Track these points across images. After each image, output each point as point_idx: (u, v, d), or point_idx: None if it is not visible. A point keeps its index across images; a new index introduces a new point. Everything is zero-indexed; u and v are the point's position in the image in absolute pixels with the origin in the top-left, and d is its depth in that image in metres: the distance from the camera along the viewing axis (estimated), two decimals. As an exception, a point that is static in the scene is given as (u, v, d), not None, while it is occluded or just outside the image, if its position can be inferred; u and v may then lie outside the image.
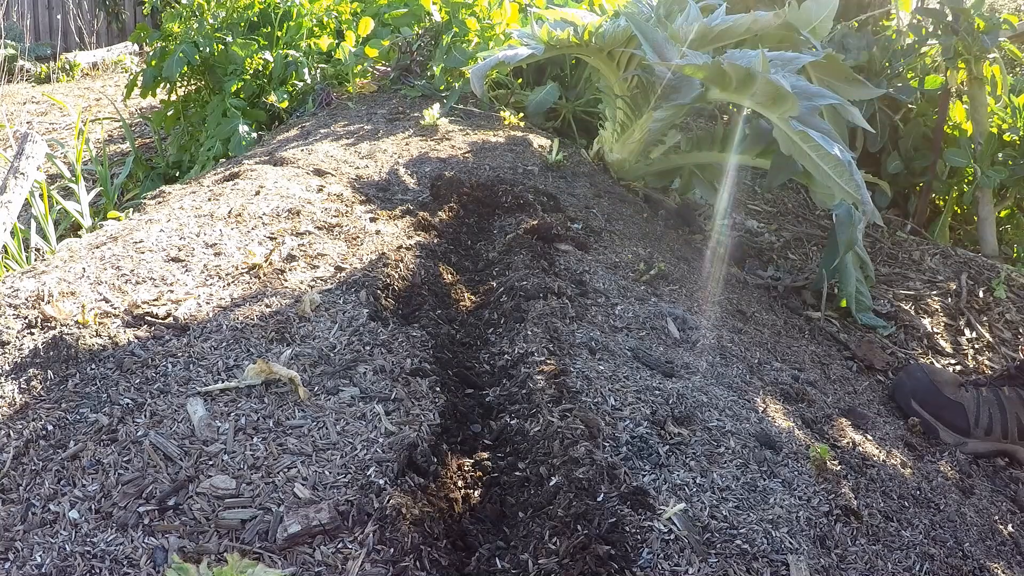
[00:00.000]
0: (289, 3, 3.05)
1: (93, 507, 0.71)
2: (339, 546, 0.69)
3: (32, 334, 0.96)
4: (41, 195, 2.35)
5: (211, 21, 2.98)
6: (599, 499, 0.76)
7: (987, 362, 1.78)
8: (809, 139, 1.49)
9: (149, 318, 1.01)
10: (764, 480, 0.87)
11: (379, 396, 0.90)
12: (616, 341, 1.12)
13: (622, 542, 0.71)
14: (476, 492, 0.83)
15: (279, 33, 3.05)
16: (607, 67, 1.96)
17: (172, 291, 1.09)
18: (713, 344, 1.23)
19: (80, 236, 2.19)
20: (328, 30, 3.17)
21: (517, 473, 0.83)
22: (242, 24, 3.03)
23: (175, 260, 1.18)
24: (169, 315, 1.03)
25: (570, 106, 2.61)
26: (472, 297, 1.28)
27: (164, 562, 0.66)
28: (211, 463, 0.77)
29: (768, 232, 2.22)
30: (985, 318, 1.93)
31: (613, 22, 1.86)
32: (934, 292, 1.99)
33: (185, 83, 3.21)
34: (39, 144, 2.23)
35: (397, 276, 1.21)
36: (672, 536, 0.74)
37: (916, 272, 2.09)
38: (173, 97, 3.25)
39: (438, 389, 0.95)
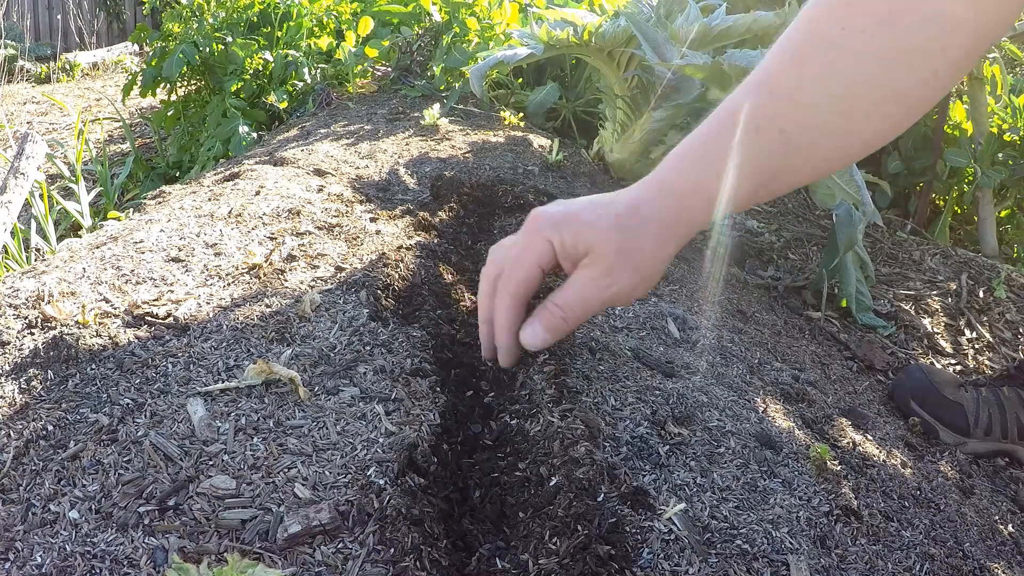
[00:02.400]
0: (289, 3, 3.05)
1: (93, 507, 0.71)
2: (339, 546, 0.69)
3: (32, 334, 0.96)
4: (41, 195, 2.35)
5: (211, 21, 2.98)
6: (599, 499, 0.76)
7: (987, 362, 1.78)
8: (809, 139, 1.49)
9: (149, 318, 1.01)
10: (764, 480, 0.87)
11: (379, 396, 0.90)
12: (616, 341, 1.12)
13: (622, 542, 0.71)
14: (476, 492, 0.83)
15: (279, 33, 3.05)
16: (607, 67, 1.96)
17: (172, 291, 1.09)
18: (713, 344, 1.23)
19: (80, 236, 2.19)
20: (328, 30, 3.17)
21: (517, 473, 0.83)
22: (242, 24, 3.04)
23: (175, 260, 1.18)
24: (169, 315, 1.03)
25: (570, 106, 2.61)
26: (472, 297, 1.28)
27: (164, 562, 0.66)
28: (211, 463, 0.77)
29: (768, 232, 2.22)
30: (985, 318, 1.93)
31: (613, 22, 1.86)
32: (934, 292, 1.99)
33: (185, 83, 3.21)
34: (39, 144, 2.23)
35: (397, 276, 1.21)
36: (672, 536, 0.74)
37: (916, 272, 2.09)
38: (173, 97, 3.25)
39: (438, 389, 0.95)
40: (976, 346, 1.83)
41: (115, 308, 1.03)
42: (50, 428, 0.80)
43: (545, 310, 0.81)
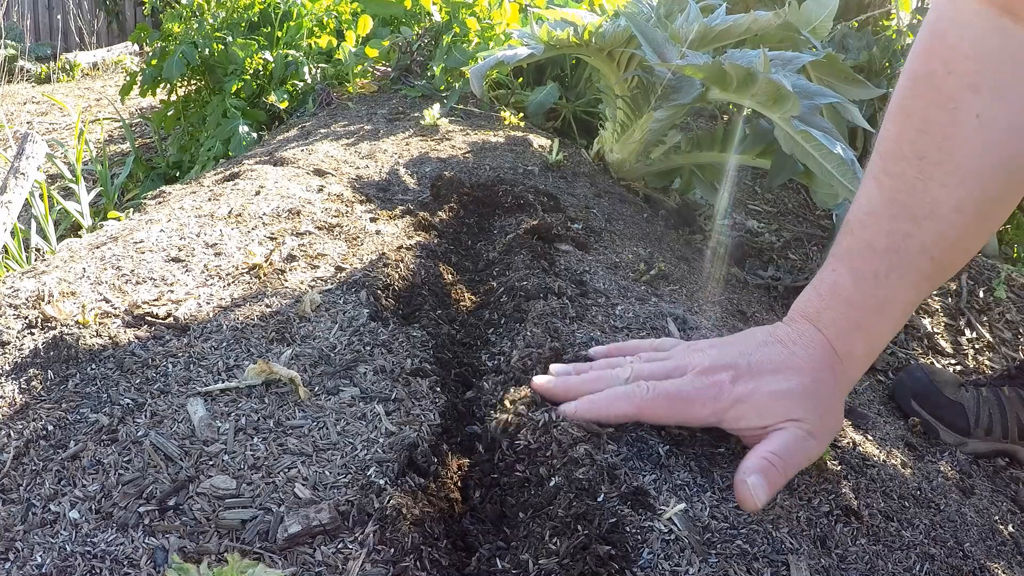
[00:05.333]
0: (289, 3, 3.05)
1: (93, 507, 0.71)
2: (339, 546, 0.69)
3: (32, 334, 0.96)
4: (41, 195, 2.35)
5: (211, 21, 2.98)
6: (599, 499, 0.76)
7: (987, 362, 1.78)
8: (811, 138, 1.49)
9: (149, 318, 1.01)
10: (764, 480, 0.86)
11: (379, 396, 0.90)
12: (617, 341, 1.12)
13: (622, 542, 0.71)
14: (476, 492, 0.83)
15: (279, 33, 3.05)
16: (607, 67, 1.96)
17: (172, 291, 1.09)
18: (713, 344, 1.23)
19: (80, 236, 2.19)
20: (328, 30, 3.17)
21: (517, 474, 0.83)
22: (242, 24, 3.04)
23: (175, 260, 1.18)
24: (169, 315, 1.03)
25: (570, 106, 2.61)
26: (472, 297, 1.28)
27: (164, 562, 0.66)
28: (211, 463, 0.77)
29: (768, 232, 2.22)
30: (985, 318, 1.93)
31: (613, 22, 1.86)
32: (934, 292, 1.99)
33: (185, 83, 3.21)
34: (39, 144, 2.23)
35: (397, 276, 1.21)
36: (672, 536, 0.74)
37: (916, 272, 2.09)
38: (173, 97, 3.25)
39: (438, 389, 0.95)
40: (976, 346, 1.83)
41: (115, 308, 1.03)
42: (50, 428, 0.80)
43: (769, 464, 0.79)
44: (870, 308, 0.79)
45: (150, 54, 3.22)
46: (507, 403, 0.90)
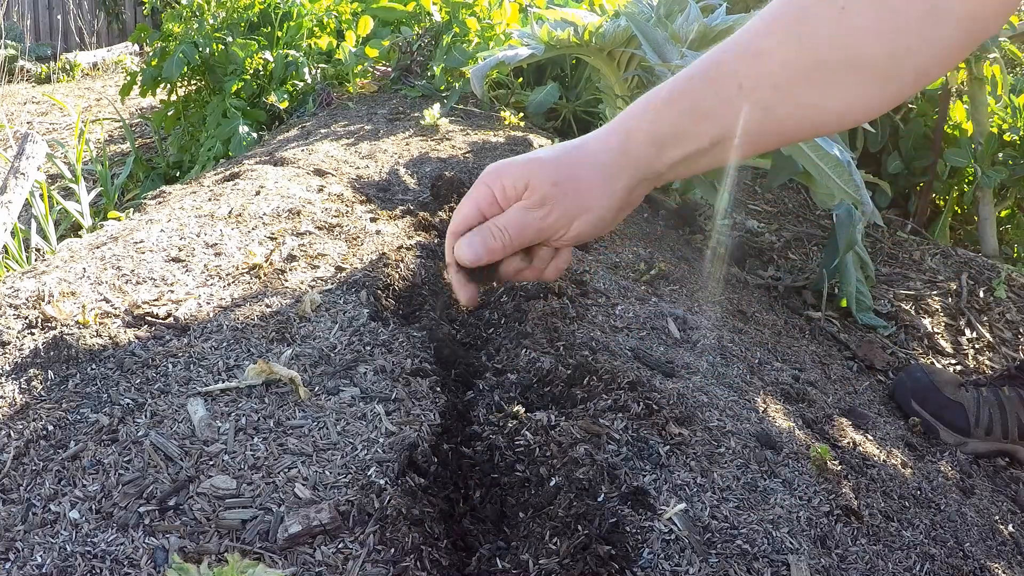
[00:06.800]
0: (289, 3, 3.05)
1: (93, 507, 0.71)
2: (340, 546, 0.69)
3: (32, 334, 0.96)
4: (41, 195, 2.35)
5: (211, 21, 2.98)
6: (599, 499, 0.76)
7: (987, 362, 1.78)
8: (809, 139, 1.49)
9: (149, 318, 1.01)
10: (765, 480, 0.87)
11: (380, 396, 0.90)
12: (616, 341, 1.12)
13: (623, 542, 0.71)
14: (476, 492, 0.83)
15: (279, 33, 3.05)
16: (607, 67, 1.96)
17: (172, 291, 1.09)
18: (713, 344, 1.23)
19: (80, 236, 2.19)
20: (328, 30, 3.17)
21: (517, 474, 0.83)
22: (242, 24, 3.03)
23: (176, 260, 1.18)
24: (169, 315, 1.03)
25: (570, 106, 2.61)
26: (472, 297, 1.28)
27: (164, 562, 0.66)
28: (211, 463, 0.77)
29: (768, 232, 2.22)
30: (985, 318, 1.93)
31: (613, 22, 1.86)
32: (934, 292, 1.99)
33: (185, 83, 3.21)
34: (39, 144, 2.23)
35: (397, 276, 1.21)
36: (673, 536, 0.74)
37: (916, 272, 2.09)
38: (173, 97, 3.25)
39: (438, 389, 0.95)
40: (976, 346, 1.83)
41: (115, 308, 1.03)
42: (50, 428, 0.80)
43: (483, 227, 0.80)
44: (661, 100, 0.81)
45: (150, 54, 3.22)
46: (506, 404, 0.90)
